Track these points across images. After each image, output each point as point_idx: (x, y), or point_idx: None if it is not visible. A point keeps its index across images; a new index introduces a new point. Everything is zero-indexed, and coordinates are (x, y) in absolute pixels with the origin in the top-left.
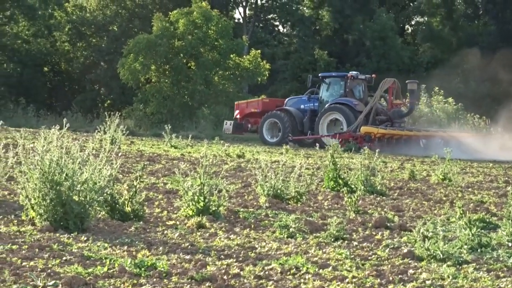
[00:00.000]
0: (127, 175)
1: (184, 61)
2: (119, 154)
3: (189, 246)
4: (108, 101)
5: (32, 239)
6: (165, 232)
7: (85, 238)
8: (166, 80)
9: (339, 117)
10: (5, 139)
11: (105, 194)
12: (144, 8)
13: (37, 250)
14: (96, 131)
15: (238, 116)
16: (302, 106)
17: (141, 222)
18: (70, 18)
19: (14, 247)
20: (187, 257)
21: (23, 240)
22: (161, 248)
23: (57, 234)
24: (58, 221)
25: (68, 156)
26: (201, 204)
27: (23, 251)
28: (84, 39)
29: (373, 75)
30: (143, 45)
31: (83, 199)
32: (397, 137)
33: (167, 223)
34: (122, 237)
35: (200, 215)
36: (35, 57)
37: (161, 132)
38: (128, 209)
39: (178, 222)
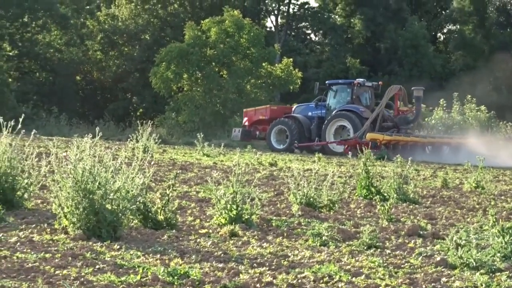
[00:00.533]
0: (159, 183)
1: (216, 69)
2: (152, 163)
3: (222, 255)
4: (140, 110)
5: (65, 248)
6: (198, 240)
7: (118, 247)
8: (198, 89)
9: (346, 123)
10: (38, 148)
11: (137, 203)
12: (176, 16)
13: (70, 258)
14: (129, 139)
15: (246, 124)
16: (309, 113)
17: (174, 231)
18: (102, 27)
19: (47, 255)
20: (220, 265)
21: (56, 248)
22: (194, 256)
23: (90, 243)
24: (91, 229)
25: (101, 165)
26: (234, 212)
27: (56, 260)
28: (116, 48)
29: (380, 82)
30: (175, 53)
31: (116, 207)
32: (402, 144)
33: (200, 231)
34: (155, 246)
35: (233, 223)
36: (68, 66)
37: (193, 141)
38: (161, 217)
39: (210, 231)
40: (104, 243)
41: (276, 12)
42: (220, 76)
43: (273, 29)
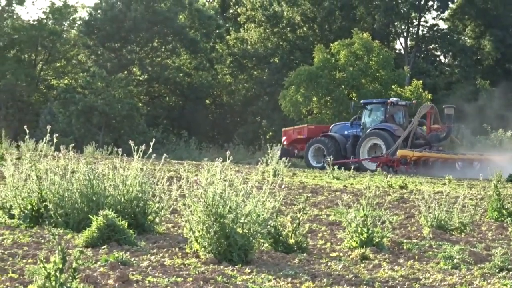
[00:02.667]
0: (290, 207)
1: (346, 92)
2: (282, 186)
3: (353, 278)
4: (270, 133)
5: (197, 272)
6: (329, 263)
7: (249, 270)
8: (328, 112)
9: (379, 141)
10: (169, 172)
11: (268, 226)
12: (305, 40)
13: (201, 282)
14: (259, 163)
15: (285, 142)
16: (345, 132)
17: (304, 254)
18: (231, 51)
19: (179, 279)
20: None
21: (187, 272)
22: (325, 280)
23: (221, 267)
24: (222, 253)
25: (232, 189)
26: (365, 235)
27: (188, 284)
28: (245, 71)
29: (413, 101)
30: (305, 76)
31: (246, 231)
32: (433, 160)
33: (330, 254)
34: (286, 269)
35: (364, 246)
36: (197, 90)
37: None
38: (291, 241)
39: (341, 254)
40: (235, 267)
41: (405, 34)
42: (349, 99)
43: (402, 51)
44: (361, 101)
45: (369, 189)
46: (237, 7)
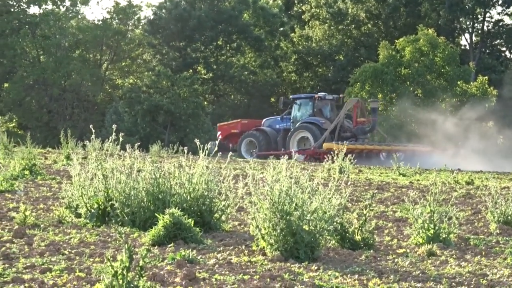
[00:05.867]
0: (356, 203)
1: (411, 88)
2: (348, 183)
3: (420, 274)
4: None
5: (263, 269)
6: (396, 260)
7: (316, 267)
8: (393, 108)
9: (307, 134)
10: (234, 170)
11: (335, 223)
12: (370, 36)
13: (268, 280)
14: (325, 160)
15: (220, 137)
16: (277, 126)
17: (371, 251)
18: (296, 49)
19: (245, 277)
20: (418, 285)
21: (254, 270)
22: (392, 276)
23: (288, 264)
24: (288, 250)
25: (297, 186)
26: (431, 231)
27: (255, 281)
28: (310, 69)
29: (340, 95)
30: (370, 73)
31: (313, 228)
32: (357, 152)
33: (397, 251)
34: (353, 266)
35: (431, 242)
36: (262, 88)
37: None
38: (358, 237)
39: (408, 250)
40: (302, 264)
41: (470, 30)
42: (415, 95)
43: (467, 47)
44: (291, 96)
45: (435, 185)
46: (301, 4)
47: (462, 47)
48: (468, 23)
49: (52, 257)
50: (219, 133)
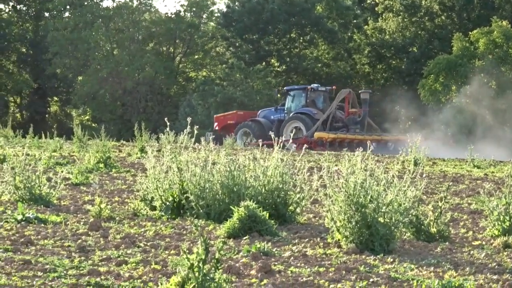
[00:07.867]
0: (431, 196)
1: (485, 80)
2: (423, 175)
3: (496, 266)
4: (409, 123)
5: (339, 261)
6: (471, 252)
7: (391, 260)
8: (467, 100)
9: (299, 125)
10: (309, 162)
11: (410, 216)
12: (443, 28)
13: (343, 272)
14: (400, 153)
15: (217, 128)
16: (272, 117)
17: (446, 243)
18: (369, 41)
19: (321, 269)
20: (494, 277)
21: (329, 262)
22: (467, 268)
23: (363, 256)
24: (363, 243)
25: (372, 178)
26: (507, 223)
27: (330, 274)
28: (384, 61)
29: (333, 87)
30: (444, 65)
31: (388, 220)
32: (348, 141)
33: (473, 243)
34: (428, 258)
35: (506, 234)
36: (335, 80)
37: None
38: (433, 230)
39: (484, 242)
40: (377, 256)
41: None
42: (488, 87)
43: None
44: (284, 88)
45: (511, 177)
46: None
47: None
48: None
49: (128, 250)
50: (216, 124)
